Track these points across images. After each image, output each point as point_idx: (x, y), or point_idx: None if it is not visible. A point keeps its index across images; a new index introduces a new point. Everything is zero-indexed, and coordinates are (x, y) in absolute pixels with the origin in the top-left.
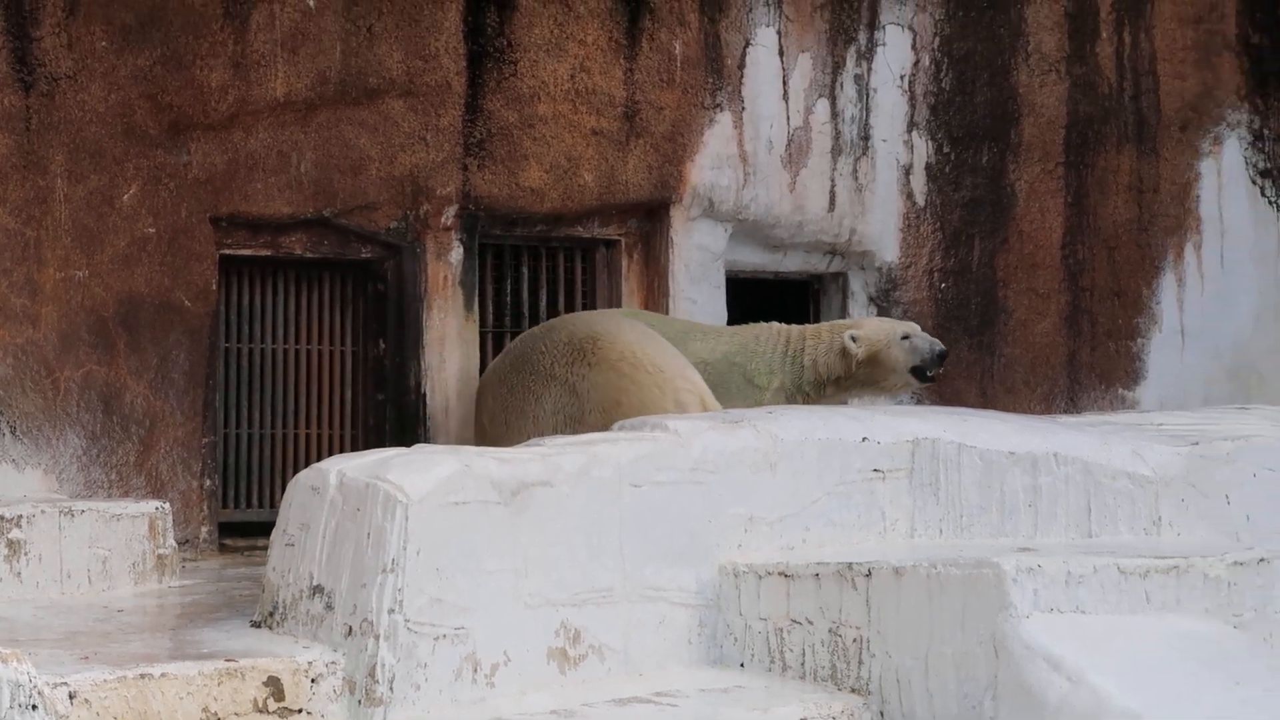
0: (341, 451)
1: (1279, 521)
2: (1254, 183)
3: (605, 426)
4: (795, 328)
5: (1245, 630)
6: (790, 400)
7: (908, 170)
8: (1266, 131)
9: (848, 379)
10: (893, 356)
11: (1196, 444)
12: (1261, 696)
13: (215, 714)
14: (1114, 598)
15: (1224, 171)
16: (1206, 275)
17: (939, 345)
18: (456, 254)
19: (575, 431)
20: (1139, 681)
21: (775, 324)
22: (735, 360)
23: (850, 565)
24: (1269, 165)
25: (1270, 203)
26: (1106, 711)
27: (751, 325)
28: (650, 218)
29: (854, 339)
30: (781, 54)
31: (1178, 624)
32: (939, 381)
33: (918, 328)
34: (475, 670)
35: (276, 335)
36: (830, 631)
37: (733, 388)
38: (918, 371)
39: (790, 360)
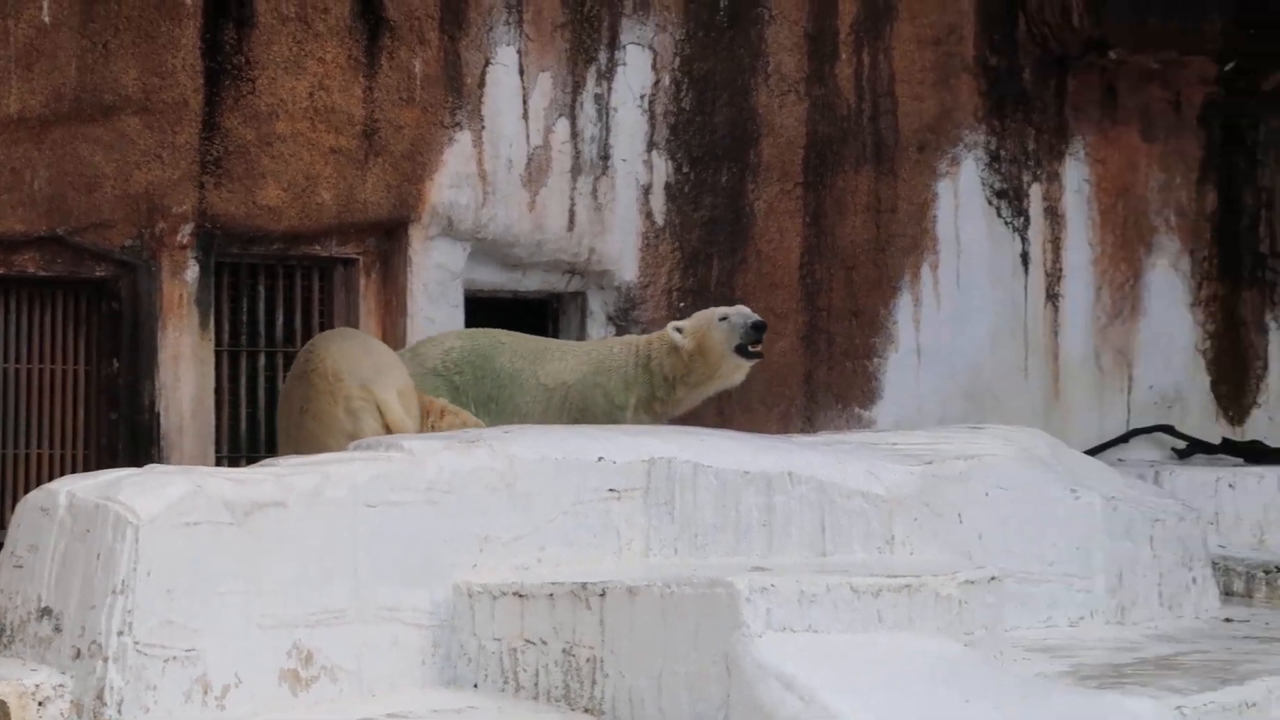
0: (73, 472)
1: (1010, 541)
2: (990, 203)
3: (304, 438)
4: (643, 337)
5: (976, 648)
6: (648, 411)
7: (647, 190)
8: (1003, 152)
9: (689, 375)
10: (714, 340)
11: (930, 463)
12: (991, 713)
13: None
14: (847, 616)
15: (961, 192)
16: (943, 295)
17: (754, 317)
18: (192, 272)
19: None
20: (871, 700)
21: (628, 336)
22: (596, 380)
23: (584, 585)
24: (1005, 186)
25: (1006, 223)
26: None
27: (604, 341)
28: (389, 236)
29: (679, 330)
30: (522, 73)
31: (910, 642)
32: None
33: (740, 308)
34: (206, 692)
35: (7, 354)
36: (564, 652)
37: (598, 410)
38: (741, 350)
39: (642, 371)
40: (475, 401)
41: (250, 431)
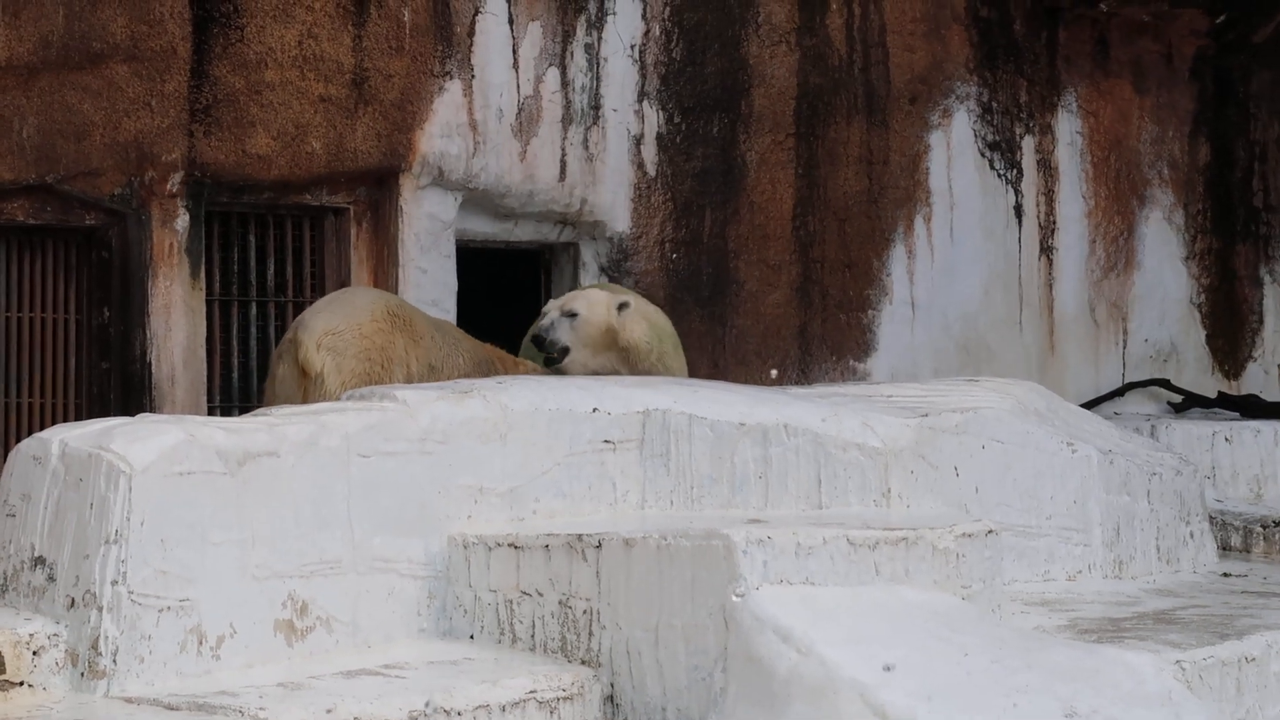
0: (65, 421)
1: (1006, 494)
2: (983, 155)
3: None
4: None
5: (973, 601)
6: None
7: (639, 140)
8: (995, 104)
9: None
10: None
11: (926, 416)
12: (988, 667)
13: None
14: (843, 569)
15: (953, 144)
16: (936, 247)
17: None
18: (182, 221)
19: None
20: (868, 653)
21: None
22: None
23: (580, 537)
24: (997, 138)
25: (999, 175)
26: (835, 682)
27: None
28: (380, 186)
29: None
30: (512, 22)
31: (907, 595)
32: None
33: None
34: (201, 643)
35: None
36: (560, 603)
37: None
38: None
39: None
40: None
41: (242, 381)
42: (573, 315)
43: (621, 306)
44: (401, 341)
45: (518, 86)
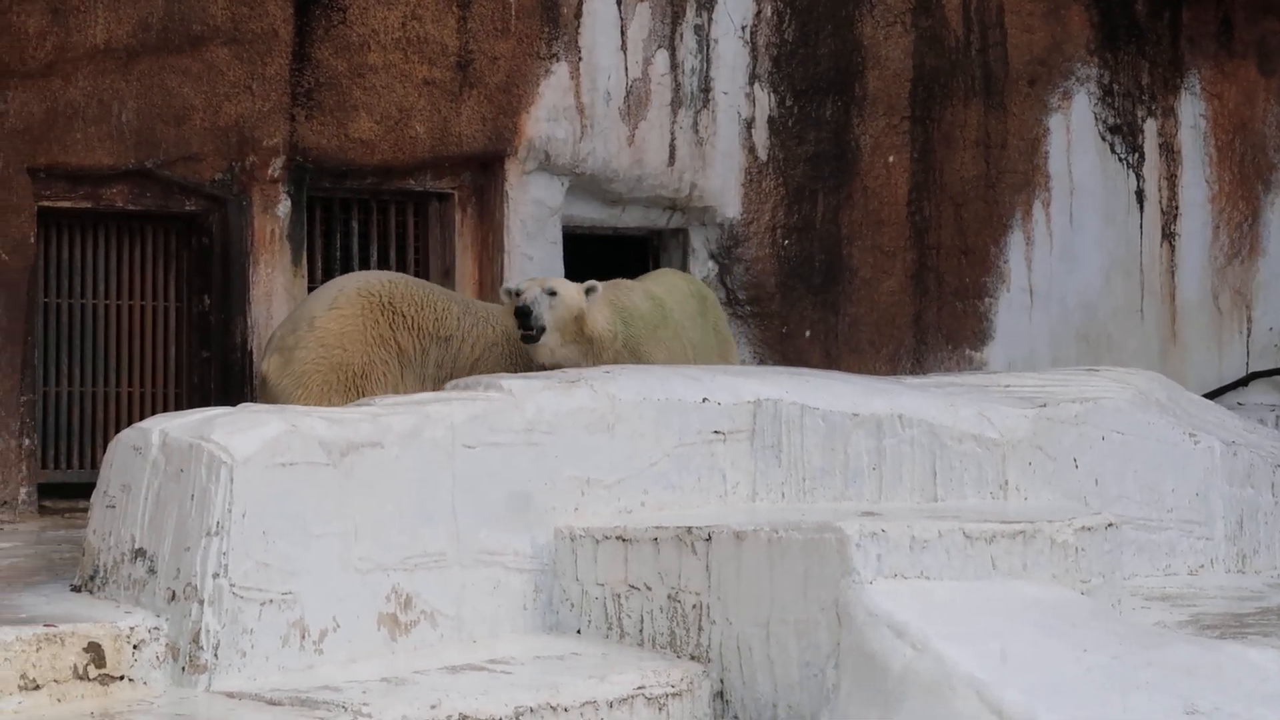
0: (165, 410)
1: (1127, 486)
2: (1103, 139)
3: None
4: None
5: (1093, 596)
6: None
7: (750, 124)
8: (1116, 86)
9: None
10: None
11: (1044, 406)
12: (1108, 663)
13: (34, 681)
14: (959, 563)
15: (1073, 127)
16: (1055, 233)
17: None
18: (284, 207)
19: None
20: (985, 649)
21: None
22: None
23: (690, 529)
24: (1119, 121)
25: (1120, 159)
26: (952, 679)
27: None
28: (484, 171)
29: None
30: (619, 4)
31: (1024, 590)
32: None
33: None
34: (303, 637)
35: (98, 290)
36: (669, 597)
37: None
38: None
39: None
40: None
41: None
42: (552, 294)
43: (589, 291)
44: (377, 321)
45: (626, 69)
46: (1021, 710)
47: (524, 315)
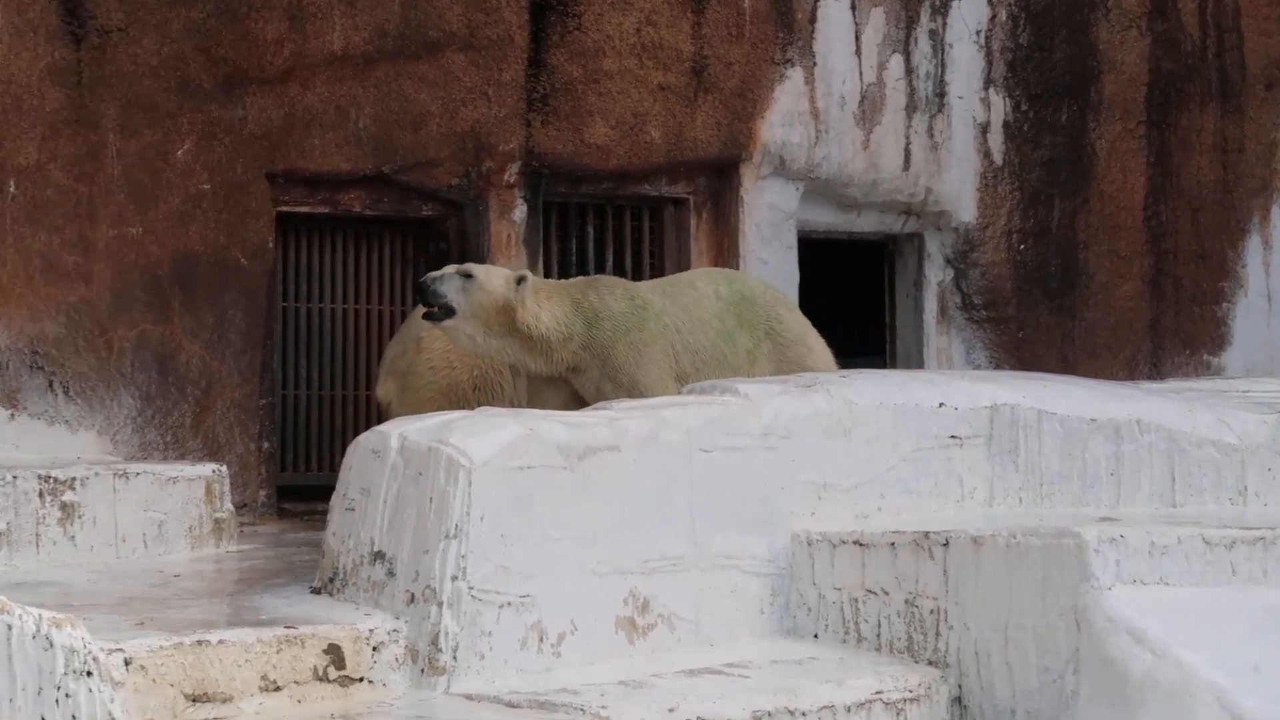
0: None
1: None
2: None
3: None
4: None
5: None
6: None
7: (985, 128)
8: None
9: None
10: None
11: None
12: None
13: (274, 682)
14: (1199, 569)
15: None
16: None
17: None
18: (520, 212)
19: None
20: (1225, 656)
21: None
22: None
23: (927, 534)
24: None
25: None
26: (1193, 685)
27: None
28: (719, 176)
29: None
30: (854, 8)
31: (1265, 597)
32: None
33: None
34: (541, 639)
35: (335, 295)
36: (906, 602)
37: None
38: None
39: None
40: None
41: None
42: (468, 276)
43: (519, 280)
44: None
45: (860, 74)
46: (1264, 718)
47: (421, 290)
